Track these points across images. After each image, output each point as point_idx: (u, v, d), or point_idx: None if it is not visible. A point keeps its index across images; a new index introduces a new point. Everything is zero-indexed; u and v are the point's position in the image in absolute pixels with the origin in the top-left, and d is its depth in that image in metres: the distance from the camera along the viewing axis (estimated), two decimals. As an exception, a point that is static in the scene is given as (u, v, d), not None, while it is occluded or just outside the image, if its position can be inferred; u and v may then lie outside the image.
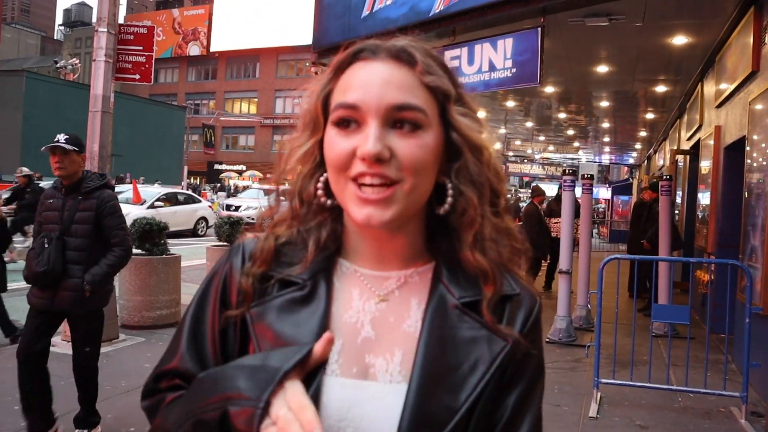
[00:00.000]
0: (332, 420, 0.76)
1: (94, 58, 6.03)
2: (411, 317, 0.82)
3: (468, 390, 0.76)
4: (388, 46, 0.81)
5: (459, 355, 0.78)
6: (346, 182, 0.78)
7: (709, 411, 4.64)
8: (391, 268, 0.85)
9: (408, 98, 0.78)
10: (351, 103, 0.78)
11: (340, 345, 0.81)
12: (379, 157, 0.75)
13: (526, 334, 0.81)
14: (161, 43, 51.80)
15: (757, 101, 5.43)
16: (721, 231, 7.00)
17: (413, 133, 0.78)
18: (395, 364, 0.79)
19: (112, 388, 4.64)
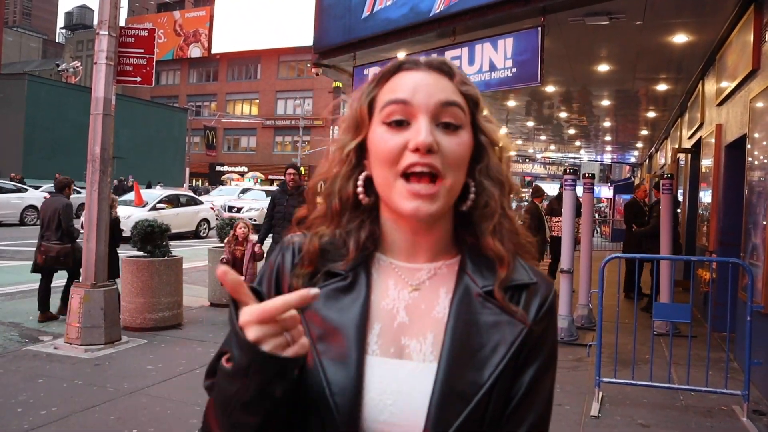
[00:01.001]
0: (374, 393, 0.86)
1: (96, 61, 6.04)
2: (440, 304, 0.92)
3: (491, 368, 0.86)
4: (428, 60, 0.94)
5: (482, 337, 0.88)
6: (395, 178, 0.87)
7: (711, 409, 4.64)
8: (422, 261, 0.95)
9: (453, 97, 0.90)
10: (402, 98, 0.88)
11: (379, 328, 0.91)
12: (430, 148, 0.85)
13: (540, 319, 0.90)
14: (162, 45, 51.87)
15: (757, 99, 5.42)
16: (723, 229, 6.99)
17: (455, 132, 0.89)
18: (427, 345, 0.89)
19: (114, 390, 4.66)
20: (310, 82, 47.11)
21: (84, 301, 5.75)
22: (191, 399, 4.49)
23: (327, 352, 0.88)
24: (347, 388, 0.86)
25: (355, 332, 0.88)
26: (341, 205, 0.95)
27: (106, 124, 5.95)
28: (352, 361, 0.87)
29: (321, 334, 0.90)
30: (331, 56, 9.04)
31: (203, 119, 50.47)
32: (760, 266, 5.01)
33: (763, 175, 5.13)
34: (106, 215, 6.05)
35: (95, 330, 5.75)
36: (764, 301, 4.79)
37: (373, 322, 0.91)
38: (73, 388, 4.69)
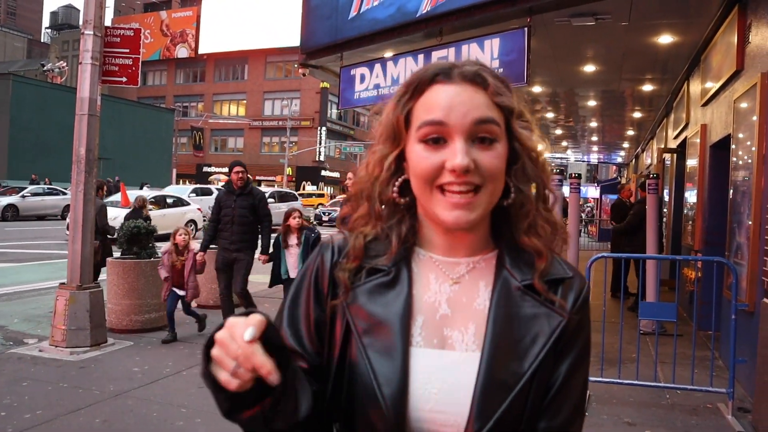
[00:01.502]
0: (419, 383, 0.91)
1: (81, 61, 5.99)
2: (480, 297, 0.96)
3: (531, 358, 0.90)
4: (462, 71, 0.95)
5: (522, 329, 0.92)
6: (432, 191, 0.92)
7: (697, 407, 4.67)
8: (460, 256, 0.99)
9: (487, 113, 0.92)
10: (438, 120, 0.91)
11: (422, 321, 0.95)
12: (467, 170, 0.89)
13: (576, 311, 0.95)
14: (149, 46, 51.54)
15: (741, 99, 5.47)
16: (708, 229, 7.05)
17: (491, 146, 0.92)
18: (469, 336, 0.94)
19: (100, 393, 4.61)
20: (297, 82, 47.02)
21: (69, 303, 5.69)
22: (177, 401, 4.46)
23: (372, 345, 0.93)
24: (394, 379, 0.90)
25: (400, 325, 0.93)
26: (382, 206, 1.00)
27: (92, 125, 5.90)
28: (397, 353, 0.91)
29: (367, 328, 0.94)
30: (318, 57, 9.02)
31: (190, 120, 50.21)
32: (744, 265, 5.05)
33: (747, 174, 5.18)
34: (92, 216, 5.99)
35: (81, 332, 5.69)
36: (748, 299, 4.83)
37: (416, 315, 0.95)
38: (58, 391, 4.64)
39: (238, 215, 6.33)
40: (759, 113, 4.77)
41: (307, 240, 6.06)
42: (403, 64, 7.55)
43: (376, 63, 8.05)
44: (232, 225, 6.33)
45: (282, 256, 6.17)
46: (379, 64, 7.99)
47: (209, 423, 4.09)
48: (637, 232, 8.15)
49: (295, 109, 47.14)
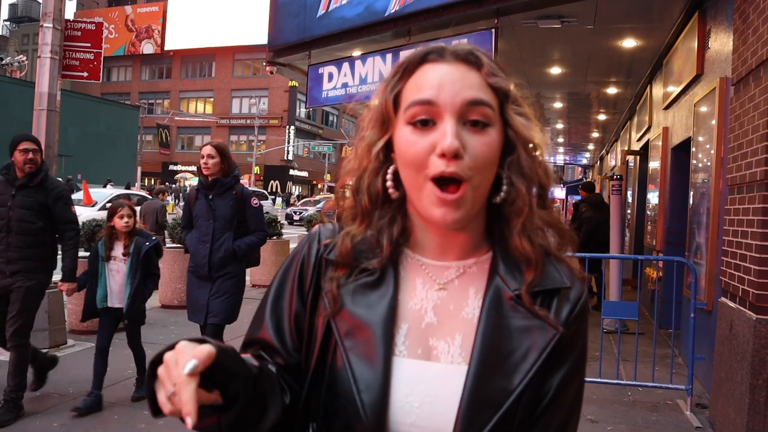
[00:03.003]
0: (400, 395, 0.85)
1: (39, 55, 5.84)
2: (469, 305, 0.89)
3: (521, 375, 0.84)
4: (454, 50, 0.88)
5: (513, 342, 0.85)
6: (425, 181, 0.84)
7: (657, 404, 4.77)
8: (451, 259, 0.92)
9: (480, 95, 0.84)
10: (427, 98, 0.83)
11: (406, 329, 0.89)
12: (457, 153, 0.81)
13: (571, 323, 0.87)
14: (114, 41, 50.56)
15: (701, 103, 5.60)
16: (669, 229, 7.20)
17: (483, 131, 0.84)
18: (456, 347, 0.87)
19: (59, 396, 4.50)
20: (265, 80, 46.67)
21: (27, 303, 5.53)
22: (139, 403, 4.38)
23: (354, 349, 0.87)
24: (374, 387, 0.85)
25: (383, 332, 0.87)
26: (371, 202, 0.92)
27: (51, 121, 5.75)
28: (379, 361, 0.86)
29: (349, 330, 0.89)
30: (286, 54, 8.95)
31: (156, 117, 49.45)
32: (703, 265, 5.18)
33: (706, 176, 5.30)
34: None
35: (39, 333, 5.53)
36: (707, 298, 4.95)
37: (400, 322, 0.89)
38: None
39: (15, 218, 4.10)
40: (717, 117, 4.89)
41: (138, 250, 4.38)
42: (371, 64, 7.54)
43: (344, 62, 8.03)
44: (7, 234, 4.10)
45: (101, 273, 4.40)
46: (348, 63, 7.97)
47: (172, 425, 4.01)
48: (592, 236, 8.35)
49: (263, 107, 46.77)
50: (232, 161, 4.67)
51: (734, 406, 3.82)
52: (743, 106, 4.09)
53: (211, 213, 4.44)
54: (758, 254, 3.63)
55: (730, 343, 3.97)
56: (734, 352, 3.88)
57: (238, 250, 4.42)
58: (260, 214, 4.68)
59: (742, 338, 3.75)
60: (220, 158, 4.50)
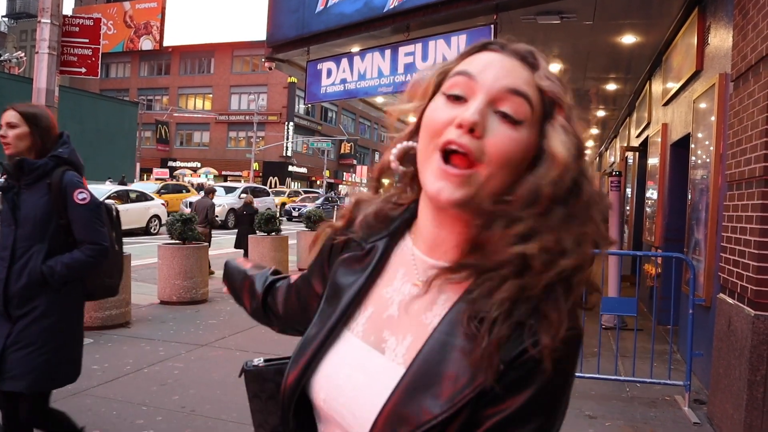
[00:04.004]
0: (343, 374, 0.86)
1: (37, 51, 5.82)
2: (433, 311, 0.84)
3: (447, 404, 0.75)
4: (516, 46, 0.85)
5: (454, 365, 0.77)
6: (434, 150, 0.80)
7: (655, 400, 4.78)
8: (440, 258, 0.86)
9: (524, 87, 0.80)
10: (469, 71, 0.81)
11: (370, 313, 0.89)
12: (473, 127, 0.77)
13: (519, 366, 0.75)
14: (112, 37, 50.40)
15: (700, 100, 5.60)
16: (668, 226, 7.21)
17: (513, 125, 0.79)
18: (402, 347, 0.84)
19: (57, 391, 4.47)
20: (264, 77, 46.56)
21: (25, 299, 5.52)
22: (138, 399, 4.38)
23: (321, 311, 0.94)
24: (308, 347, 0.90)
25: (345, 303, 0.90)
26: (392, 170, 0.92)
27: (49, 116, 5.74)
28: (326, 328, 0.90)
29: (329, 295, 0.95)
30: (285, 50, 8.93)
31: (155, 113, 49.34)
32: (702, 261, 5.18)
33: (705, 173, 5.30)
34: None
35: (37, 330, 5.52)
36: (705, 294, 4.95)
37: (368, 304, 0.90)
38: None
39: None
40: (717, 113, 4.88)
41: None
42: (370, 60, 7.53)
43: (343, 58, 8.01)
44: None
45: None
46: (346, 59, 7.95)
47: (170, 421, 4.02)
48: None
49: (262, 103, 46.67)
50: (51, 132, 2.92)
51: (732, 401, 3.83)
52: (742, 103, 4.08)
53: (12, 214, 2.73)
54: (757, 250, 3.63)
55: (728, 339, 3.98)
56: (732, 348, 3.88)
57: (50, 274, 2.72)
58: (91, 216, 2.84)
59: (741, 334, 3.75)
60: (29, 128, 2.80)
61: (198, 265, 8.03)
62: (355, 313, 0.90)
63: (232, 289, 1.40)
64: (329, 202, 30.84)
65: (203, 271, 8.19)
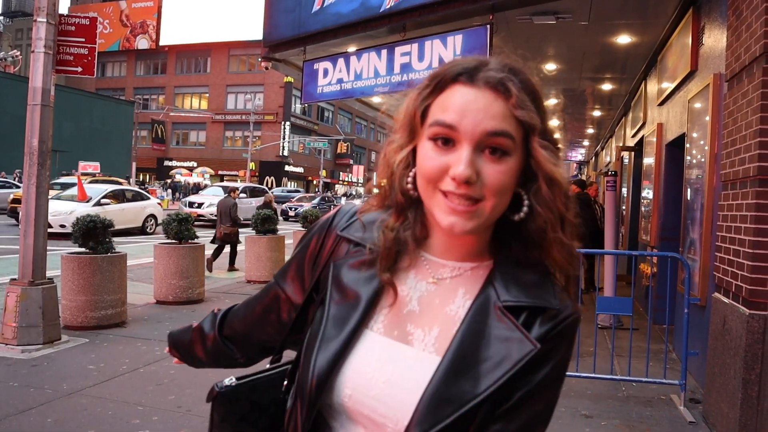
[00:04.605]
0: (370, 368, 0.91)
1: (33, 50, 5.80)
2: (455, 303, 0.93)
3: (489, 381, 0.85)
4: (486, 76, 0.88)
5: (490, 349, 0.87)
6: (434, 191, 0.88)
7: (651, 399, 4.79)
8: (452, 259, 0.96)
9: (501, 126, 0.86)
10: (449, 123, 0.87)
11: (388, 310, 0.95)
12: (468, 180, 0.85)
13: (549, 340, 0.88)
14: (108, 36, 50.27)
15: (695, 100, 5.62)
16: (663, 225, 7.23)
17: (500, 160, 0.87)
18: (431, 338, 0.91)
19: (53, 391, 4.49)
20: (261, 76, 46.53)
21: (21, 299, 5.52)
22: (134, 398, 4.37)
23: (336, 314, 0.95)
24: (331, 349, 0.92)
25: (364, 305, 0.94)
26: (405, 199, 0.96)
27: (45, 116, 5.72)
28: (348, 328, 0.93)
29: (338, 298, 0.97)
30: (281, 50, 8.92)
31: (151, 113, 49.22)
32: (697, 260, 5.20)
33: (700, 173, 5.32)
34: (45, 210, 5.82)
35: (33, 329, 5.53)
36: (700, 293, 4.97)
37: (383, 302, 0.95)
38: (8, 390, 4.50)
39: None
40: (711, 113, 4.90)
41: None
42: (367, 60, 7.53)
43: (340, 57, 8.01)
44: None
45: None
46: (343, 59, 7.95)
47: (166, 421, 4.02)
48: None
49: (258, 103, 46.63)
50: None
51: (727, 400, 3.84)
52: (736, 102, 4.10)
53: None
54: (751, 249, 3.65)
55: (723, 338, 3.99)
56: (727, 347, 3.90)
57: None
58: None
59: (735, 333, 3.77)
60: None
61: (194, 264, 8.02)
62: (372, 312, 0.95)
63: (182, 350, 1.37)
64: (325, 201, 30.85)
65: (199, 270, 8.18)
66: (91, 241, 6.51)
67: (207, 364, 1.32)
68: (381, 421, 0.90)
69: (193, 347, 1.31)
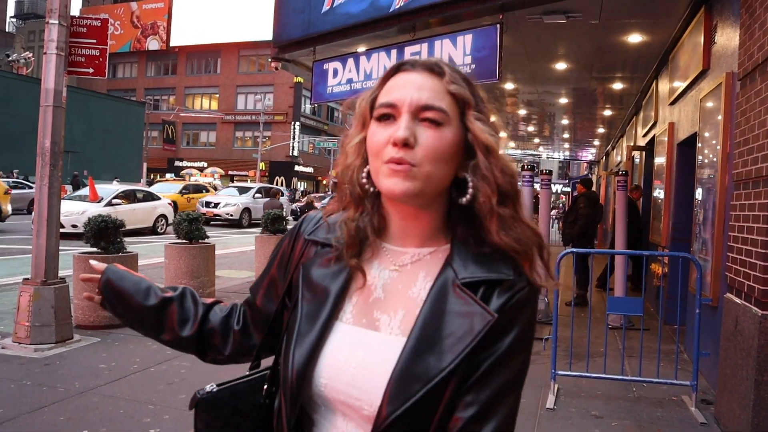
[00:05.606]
0: (342, 356, 0.97)
1: (45, 51, 5.85)
2: (416, 286, 0.99)
3: (453, 355, 0.91)
4: (423, 61, 1.01)
5: (452, 325, 0.93)
6: (381, 164, 0.95)
7: (662, 400, 4.76)
8: (410, 246, 1.03)
9: (434, 101, 0.95)
10: (390, 101, 0.97)
11: (356, 300, 1.02)
12: (406, 142, 0.93)
13: (507, 311, 0.93)
14: (119, 37, 50.64)
15: (707, 99, 5.58)
16: (675, 225, 7.18)
17: (436, 128, 0.95)
18: (397, 321, 0.98)
19: (65, 390, 4.52)
20: (270, 76, 46.63)
21: (33, 299, 5.56)
22: (145, 397, 4.40)
23: (308, 311, 1.02)
24: (307, 343, 0.99)
25: (333, 299, 1.01)
26: (362, 191, 1.03)
27: (57, 117, 5.77)
28: (320, 321, 1.00)
29: (309, 296, 1.04)
30: (291, 51, 8.94)
31: (161, 113, 49.50)
32: (709, 260, 5.16)
33: (712, 172, 5.28)
34: (57, 210, 5.86)
35: (45, 329, 5.58)
36: (712, 294, 4.93)
37: (351, 294, 1.02)
38: (22, 389, 4.54)
39: None
40: (723, 112, 4.87)
41: None
42: (376, 59, 7.53)
43: (349, 58, 8.02)
44: None
45: None
46: (352, 59, 7.96)
47: (177, 419, 4.04)
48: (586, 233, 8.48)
49: (268, 103, 46.76)
50: None
51: (739, 402, 3.81)
52: (749, 101, 4.07)
53: None
54: (764, 250, 3.62)
55: (735, 339, 3.96)
56: (740, 348, 3.87)
57: None
58: None
59: (748, 334, 3.74)
60: None
61: (205, 264, 8.05)
62: (342, 305, 1.02)
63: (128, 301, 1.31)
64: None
65: (210, 270, 8.22)
66: (102, 241, 6.55)
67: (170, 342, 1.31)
68: (357, 404, 0.95)
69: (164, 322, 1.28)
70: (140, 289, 1.30)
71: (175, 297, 1.29)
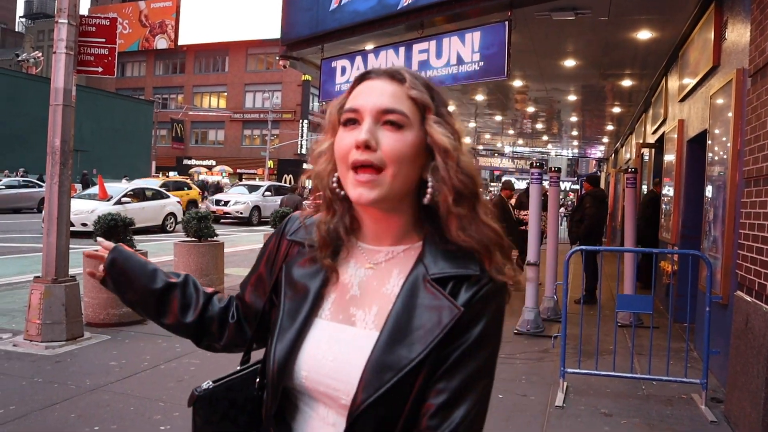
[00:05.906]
0: (320, 350, 1.04)
1: (55, 51, 5.88)
2: (390, 283, 1.05)
3: (422, 347, 0.96)
4: (386, 69, 1.06)
5: (421, 318, 0.98)
6: (347, 170, 1.01)
7: (671, 398, 4.74)
8: (384, 244, 1.08)
9: (394, 104, 1.00)
10: (354, 107, 1.02)
11: (334, 298, 1.08)
12: (367, 144, 0.98)
13: (473, 304, 0.98)
14: (127, 36, 50.80)
15: (717, 95, 5.54)
16: (684, 222, 7.14)
17: (397, 131, 1.00)
18: (371, 316, 1.03)
19: (76, 387, 4.56)
20: (278, 75, 46.67)
21: (44, 297, 5.61)
22: (155, 395, 4.43)
23: (289, 308, 1.09)
24: (288, 338, 1.05)
25: (312, 297, 1.08)
26: (333, 195, 1.08)
27: (66, 116, 5.80)
28: (300, 318, 1.06)
29: (291, 294, 1.10)
30: (299, 48, 8.96)
31: (170, 112, 49.65)
32: (719, 258, 5.13)
33: (723, 169, 5.25)
34: (67, 209, 5.90)
35: (56, 326, 5.62)
36: (722, 292, 4.91)
37: (330, 292, 1.08)
38: (33, 386, 4.58)
39: None
40: (734, 109, 4.83)
41: None
42: (384, 57, 7.53)
43: (357, 55, 8.02)
44: None
45: None
46: (360, 57, 7.96)
47: (187, 417, 4.02)
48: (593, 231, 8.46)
49: (276, 101, 46.81)
50: None
51: (750, 400, 3.79)
52: (760, 98, 4.04)
53: None
54: (775, 247, 3.59)
55: (745, 336, 3.94)
56: (750, 346, 3.85)
57: None
58: None
59: (758, 332, 3.72)
60: None
61: (214, 262, 8.08)
62: (320, 302, 1.08)
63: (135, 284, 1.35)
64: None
65: (219, 268, 8.25)
66: (112, 240, 6.58)
67: (168, 326, 1.37)
68: (335, 394, 1.01)
69: (167, 305, 1.34)
70: (146, 272, 1.34)
71: (179, 283, 1.34)
